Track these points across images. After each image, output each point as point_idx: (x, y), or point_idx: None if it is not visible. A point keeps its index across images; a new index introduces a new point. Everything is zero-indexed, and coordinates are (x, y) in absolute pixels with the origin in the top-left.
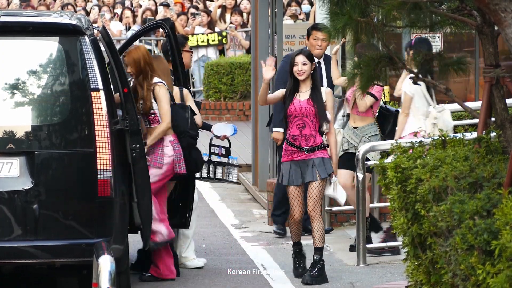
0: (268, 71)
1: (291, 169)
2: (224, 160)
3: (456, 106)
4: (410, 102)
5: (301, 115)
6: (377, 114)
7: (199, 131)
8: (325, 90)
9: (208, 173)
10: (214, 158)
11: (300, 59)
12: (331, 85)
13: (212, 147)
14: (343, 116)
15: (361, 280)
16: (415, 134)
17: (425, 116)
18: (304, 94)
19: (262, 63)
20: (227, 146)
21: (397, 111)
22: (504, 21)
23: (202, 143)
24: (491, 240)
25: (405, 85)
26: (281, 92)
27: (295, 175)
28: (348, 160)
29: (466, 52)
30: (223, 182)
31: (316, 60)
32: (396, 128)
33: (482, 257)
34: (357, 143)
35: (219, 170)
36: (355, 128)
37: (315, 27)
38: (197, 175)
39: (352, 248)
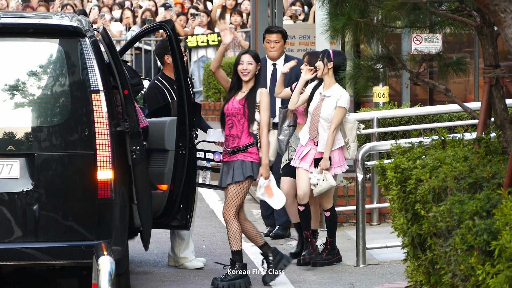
0: (226, 35)
1: (223, 170)
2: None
3: (456, 107)
4: (343, 118)
5: (231, 115)
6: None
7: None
8: (260, 91)
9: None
10: (203, 163)
11: (246, 58)
12: (287, 85)
13: (197, 152)
14: (288, 126)
15: (361, 280)
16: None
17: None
18: (242, 94)
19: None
20: None
21: None
22: (504, 21)
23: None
24: (491, 240)
25: (342, 100)
26: (229, 80)
27: (223, 176)
28: (292, 169)
29: (466, 52)
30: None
31: (271, 62)
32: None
33: (482, 257)
34: None
35: (206, 174)
36: None
37: (267, 29)
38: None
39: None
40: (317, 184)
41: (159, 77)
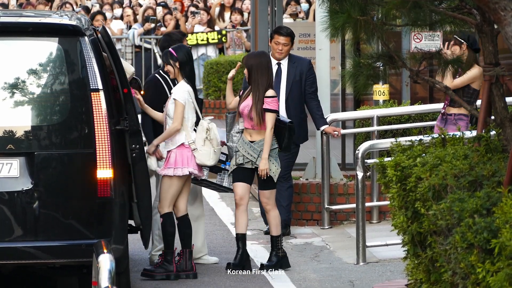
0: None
1: None
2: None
3: None
4: (183, 111)
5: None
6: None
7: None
8: None
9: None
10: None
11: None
12: (291, 85)
13: None
14: (237, 132)
15: (361, 278)
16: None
17: (192, 128)
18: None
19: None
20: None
21: (291, 123)
22: (504, 19)
23: None
24: (491, 238)
25: (176, 92)
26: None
27: None
28: (243, 174)
29: None
30: (221, 190)
31: (276, 62)
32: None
33: (482, 255)
34: (255, 158)
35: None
36: (252, 142)
37: (278, 31)
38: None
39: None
40: None
41: (160, 71)
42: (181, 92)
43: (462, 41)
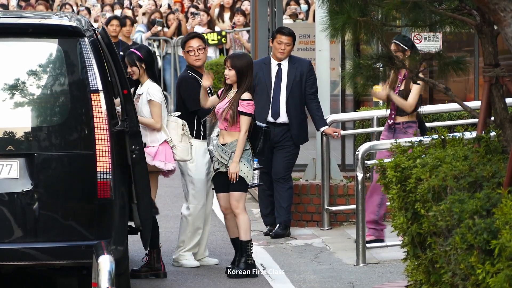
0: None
1: None
2: None
3: (455, 106)
4: (161, 110)
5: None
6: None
7: None
8: None
9: None
10: None
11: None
12: (291, 86)
13: None
14: (217, 135)
15: (361, 279)
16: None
17: (165, 125)
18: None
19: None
20: None
21: (267, 127)
22: (504, 20)
23: None
24: (491, 239)
25: (151, 93)
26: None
27: None
28: (221, 182)
29: (466, 51)
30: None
31: (276, 62)
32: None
33: (482, 256)
34: (226, 160)
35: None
36: (223, 145)
37: (280, 30)
38: None
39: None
40: None
41: (188, 70)
42: (156, 91)
43: (406, 48)
